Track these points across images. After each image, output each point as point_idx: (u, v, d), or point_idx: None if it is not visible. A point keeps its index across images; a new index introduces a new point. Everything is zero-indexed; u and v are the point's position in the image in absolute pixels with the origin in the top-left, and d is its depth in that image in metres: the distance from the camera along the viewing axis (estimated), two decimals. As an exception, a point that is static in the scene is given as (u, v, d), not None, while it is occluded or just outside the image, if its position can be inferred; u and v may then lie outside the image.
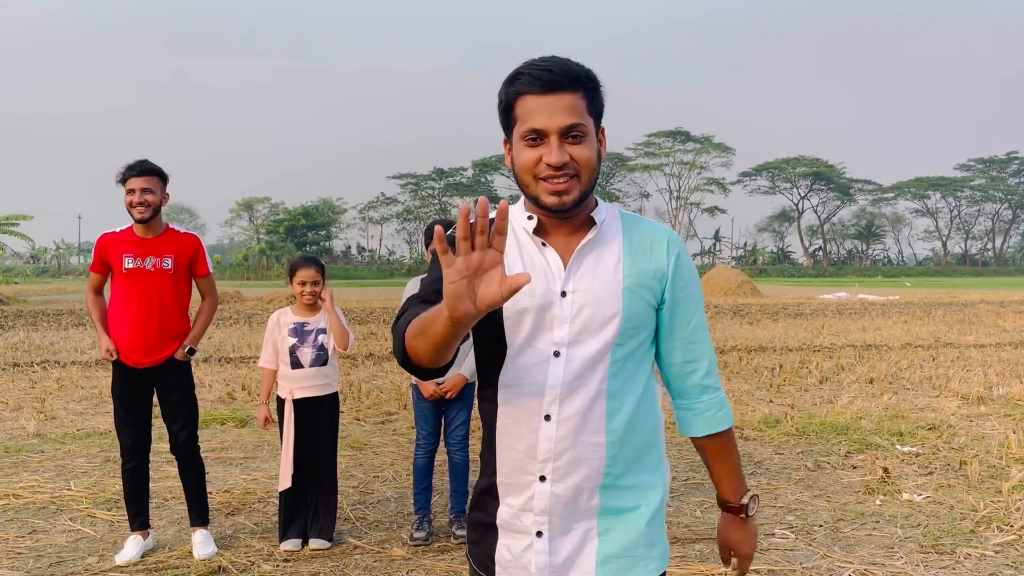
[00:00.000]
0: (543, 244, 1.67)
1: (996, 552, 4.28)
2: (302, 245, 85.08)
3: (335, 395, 4.49)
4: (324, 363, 4.39)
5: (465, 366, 4.50)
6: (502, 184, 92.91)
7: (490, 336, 1.68)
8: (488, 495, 1.72)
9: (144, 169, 4.17)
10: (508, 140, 1.69)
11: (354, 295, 36.14)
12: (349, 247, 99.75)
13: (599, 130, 1.68)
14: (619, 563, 1.66)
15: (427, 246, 4.68)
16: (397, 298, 5.89)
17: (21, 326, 19.28)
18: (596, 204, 1.71)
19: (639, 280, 1.66)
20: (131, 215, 4.19)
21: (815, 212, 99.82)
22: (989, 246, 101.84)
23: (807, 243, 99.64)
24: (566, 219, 1.67)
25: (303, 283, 4.38)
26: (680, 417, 1.78)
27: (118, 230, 4.29)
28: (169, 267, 4.24)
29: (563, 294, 1.64)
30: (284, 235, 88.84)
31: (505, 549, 1.69)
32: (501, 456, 1.69)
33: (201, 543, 4.26)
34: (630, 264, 1.66)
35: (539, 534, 1.65)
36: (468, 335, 1.67)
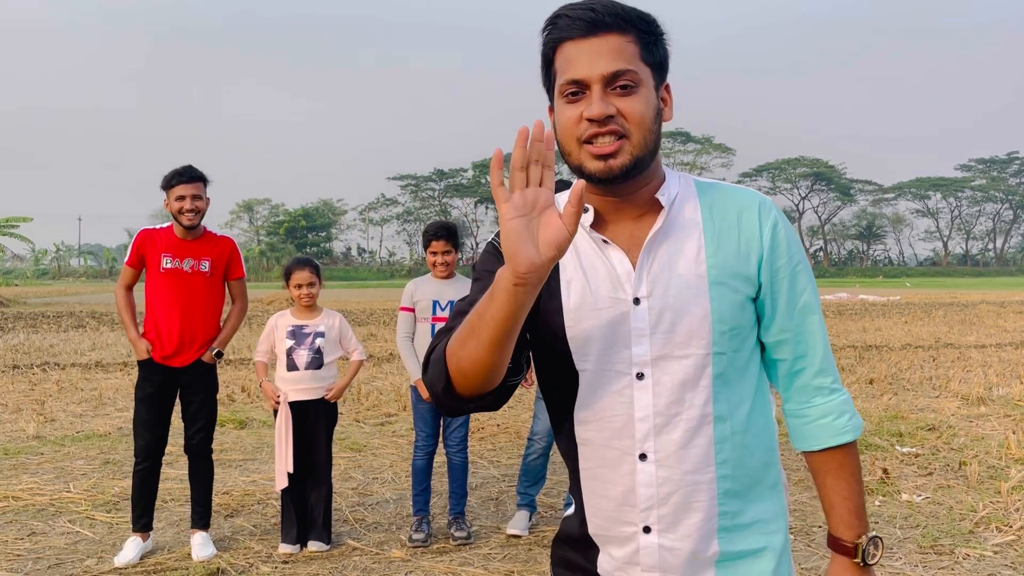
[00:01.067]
0: (604, 241, 1.36)
1: (995, 552, 4.27)
2: (302, 246, 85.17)
3: (333, 397, 4.48)
4: (319, 367, 4.39)
5: None
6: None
7: (555, 363, 1.40)
8: (583, 542, 1.44)
9: (193, 176, 4.24)
10: (552, 105, 1.37)
11: (354, 296, 36.14)
12: (349, 248, 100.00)
13: (662, 86, 1.36)
14: None
15: (426, 248, 4.67)
16: (397, 299, 5.94)
17: (21, 328, 19.30)
18: (664, 178, 1.38)
19: (728, 268, 1.34)
20: (179, 221, 4.23)
21: (816, 213, 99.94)
22: (990, 246, 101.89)
23: (808, 243, 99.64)
24: (626, 201, 1.35)
25: (299, 285, 4.40)
26: (790, 427, 1.44)
27: (158, 227, 4.33)
28: (206, 270, 4.30)
29: (636, 301, 1.33)
30: (284, 236, 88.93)
31: None
32: (590, 504, 1.40)
33: (200, 545, 4.26)
34: (715, 250, 1.34)
35: None
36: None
